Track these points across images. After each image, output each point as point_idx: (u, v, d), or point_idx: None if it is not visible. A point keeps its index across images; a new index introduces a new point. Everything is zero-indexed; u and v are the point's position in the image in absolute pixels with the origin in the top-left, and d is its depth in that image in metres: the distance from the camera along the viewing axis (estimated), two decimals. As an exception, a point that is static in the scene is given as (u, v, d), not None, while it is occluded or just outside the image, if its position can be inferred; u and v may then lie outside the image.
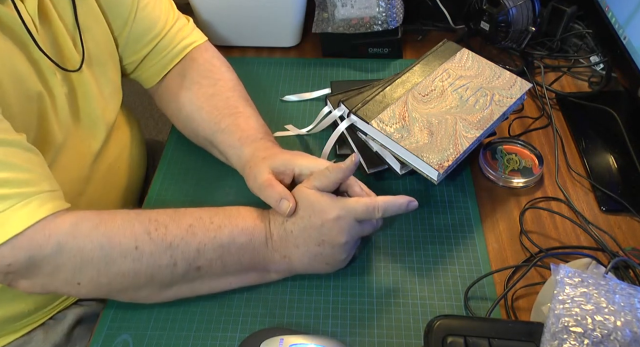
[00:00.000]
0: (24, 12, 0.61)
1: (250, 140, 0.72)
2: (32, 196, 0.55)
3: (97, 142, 0.75)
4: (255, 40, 1.02)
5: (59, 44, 0.68)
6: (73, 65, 0.69)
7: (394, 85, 0.76)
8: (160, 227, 0.59)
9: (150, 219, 0.60)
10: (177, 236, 0.59)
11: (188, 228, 0.60)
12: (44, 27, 0.65)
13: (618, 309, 0.51)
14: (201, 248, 0.60)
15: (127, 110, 0.86)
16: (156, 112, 1.93)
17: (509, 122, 0.86)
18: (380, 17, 0.93)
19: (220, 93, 0.78)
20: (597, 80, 0.94)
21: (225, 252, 0.61)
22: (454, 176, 0.79)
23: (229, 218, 0.62)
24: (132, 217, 0.60)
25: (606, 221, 0.74)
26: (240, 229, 0.62)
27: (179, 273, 0.60)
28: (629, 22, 0.80)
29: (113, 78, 0.78)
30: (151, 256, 0.58)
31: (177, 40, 0.81)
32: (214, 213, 0.63)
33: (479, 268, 0.68)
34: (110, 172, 0.78)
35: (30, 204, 0.55)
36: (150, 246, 0.58)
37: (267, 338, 0.57)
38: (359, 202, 0.61)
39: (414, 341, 0.62)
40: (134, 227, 0.59)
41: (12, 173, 0.55)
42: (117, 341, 0.62)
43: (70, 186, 0.70)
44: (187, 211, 0.63)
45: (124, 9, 0.76)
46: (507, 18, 0.90)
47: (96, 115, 0.74)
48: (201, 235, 0.60)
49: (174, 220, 0.61)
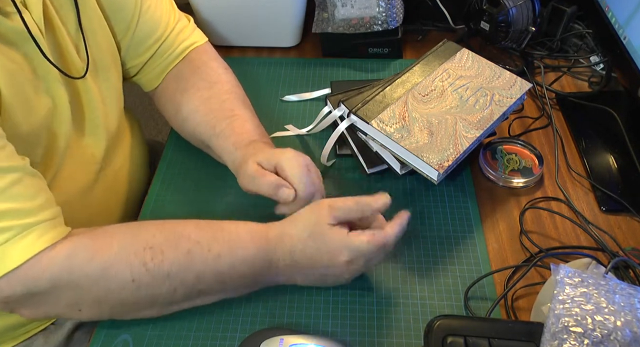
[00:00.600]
0: (29, 21, 0.60)
1: (244, 144, 0.71)
2: (31, 227, 0.54)
3: (100, 150, 0.74)
4: (255, 40, 1.02)
5: (63, 50, 0.67)
6: (77, 72, 0.68)
7: (394, 85, 0.76)
8: (157, 256, 0.57)
9: (145, 247, 0.57)
10: (174, 264, 0.58)
11: (186, 254, 0.58)
12: (48, 34, 0.65)
13: (618, 309, 0.51)
14: (200, 275, 0.59)
15: (128, 113, 0.86)
16: (156, 112, 1.92)
17: (509, 122, 0.86)
18: (380, 17, 0.93)
19: (216, 96, 0.78)
20: (597, 80, 0.94)
21: (226, 278, 0.60)
22: (454, 175, 0.79)
23: (228, 245, 0.60)
24: (127, 243, 0.57)
25: (606, 221, 0.74)
26: (241, 259, 0.59)
27: (179, 297, 0.60)
28: (629, 22, 0.80)
29: (115, 84, 0.77)
30: (149, 286, 0.57)
31: (178, 43, 0.81)
32: (212, 238, 0.60)
33: (479, 268, 0.68)
34: (114, 178, 0.78)
35: (28, 235, 0.54)
36: (147, 277, 0.57)
37: (267, 338, 0.57)
38: (370, 242, 0.59)
39: (414, 341, 0.62)
40: (129, 258, 0.56)
41: (12, 203, 0.53)
42: (117, 341, 0.62)
43: (75, 195, 0.70)
44: (184, 231, 0.60)
45: (127, 13, 0.75)
46: (507, 18, 0.90)
47: (99, 122, 0.74)
48: (200, 263, 0.58)
49: (171, 244, 0.58)
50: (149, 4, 0.77)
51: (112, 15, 0.75)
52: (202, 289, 0.60)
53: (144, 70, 0.82)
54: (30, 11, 0.61)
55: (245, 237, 0.61)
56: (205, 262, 0.59)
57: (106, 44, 0.74)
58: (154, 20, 0.78)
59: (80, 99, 0.70)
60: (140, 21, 0.77)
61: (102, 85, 0.74)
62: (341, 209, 0.60)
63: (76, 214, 0.65)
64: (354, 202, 0.61)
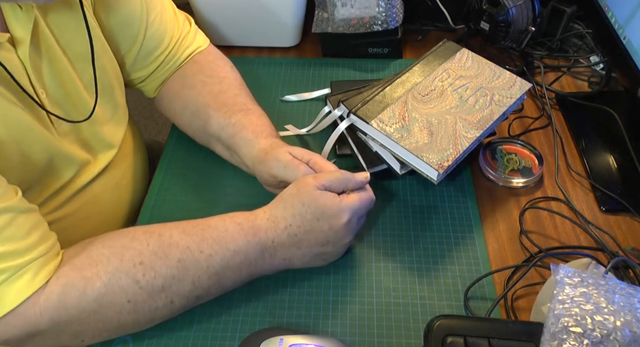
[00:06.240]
0: (16, 63, 0.58)
1: (264, 135, 0.72)
2: (26, 265, 0.53)
3: (106, 161, 0.74)
4: (255, 40, 1.02)
5: (67, 90, 0.66)
6: (83, 108, 0.68)
7: (394, 85, 0.76)
8: (148, 272, 0.56)
9: (135, 264, 0.56)
10: (167, 276, 0.57)
11: (177, 264, 0.57)
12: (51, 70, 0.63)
13: (618, 309, 0.51)
14: (196, 281, 0.59)
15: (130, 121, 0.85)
16: (156, 112, 1.93)
17: (508, 122, 0.86)
18: (380, 17, 0.93)
19: (227, 91, 0.78)
20: (597, 80, 0.94)
21: (221, 277, 0.60)
22: (453, 175, 0.79)
23: (218, 243, 0.59)
24: (115, 268, 0.56)
25: (606, 221, 0.74)
26: (233, 252, 0.60)
27: (177, 307, 0.60)
28: (628, 22, 0.80)
29: (120, 101, 0.77)
30: (145, 303, 0.57)
31: (182, 49, 0.81)
32: (201, 238, 0.59)
33: (479, 268, 0.68)
34: (117, 185, 0.77)
35: (23, 276, 0.53)
36: (143, 295, 0.56)
37: (267, 338, 0.57)
38: (355, 197, 0.62)
39: (414, 341, 0.62)
40: (120, 281, 0.56)
41: (5, 246, 0.52)
42: (117, 341, 0.62)
43: (78, 209, 0.70)
44: (172, 239, 0.59)
45: (133, 28, 0.75)
46: (507, 18, 0.90)
47: (105, 143, 0.74)
48: (193, 269, 0.58)
49: (160, 257, 0.57)
50: (154, 16, 0.76)
51: (119, 32, 0.74)
52: (200, 295, 0.60)
53: (149, 79, 0.82)
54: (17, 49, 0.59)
55: (234, 230, 0.61)
56: (198, 267, 0.58)
57: (110, 64, 0.74)
58: (160, 32, 0.78)
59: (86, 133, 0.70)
60: (147, 35, 0.76)
61: (106, 106, 0.74)
62: (325, 176, 0.63)
63: (78, 218, 0.65)
64: (340, 172, 0.63)
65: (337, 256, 0.67)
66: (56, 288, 0.54)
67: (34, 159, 0.62)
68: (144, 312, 0.58)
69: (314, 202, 0.61)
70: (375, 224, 0.74)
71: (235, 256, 0.60)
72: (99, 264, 0.56)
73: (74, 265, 0.56)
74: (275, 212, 0.62)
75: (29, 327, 0.54)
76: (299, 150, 0.68)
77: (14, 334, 0.54)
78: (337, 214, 0.61)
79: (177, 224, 0.61)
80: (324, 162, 0.66)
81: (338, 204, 0.61)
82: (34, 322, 0.54)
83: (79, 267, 0.56)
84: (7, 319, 0.53)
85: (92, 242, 0.59)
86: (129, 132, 0.82)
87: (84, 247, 0.58)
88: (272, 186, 0.71)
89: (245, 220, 0.62)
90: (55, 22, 0.64)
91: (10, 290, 0.52)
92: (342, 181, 0.63)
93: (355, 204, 0.62)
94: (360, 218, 0.65)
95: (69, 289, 0.55)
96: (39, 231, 0.56)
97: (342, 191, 0.63)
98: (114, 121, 0.76)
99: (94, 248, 0.58)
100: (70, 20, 0.65)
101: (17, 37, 0.59)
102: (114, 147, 0.76)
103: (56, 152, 0.65)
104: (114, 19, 0.73)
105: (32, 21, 0.59)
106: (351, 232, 0.64)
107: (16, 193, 0.56)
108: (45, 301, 0.54)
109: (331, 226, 0.61)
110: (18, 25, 0.58)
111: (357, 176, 0.64)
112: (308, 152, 0.68)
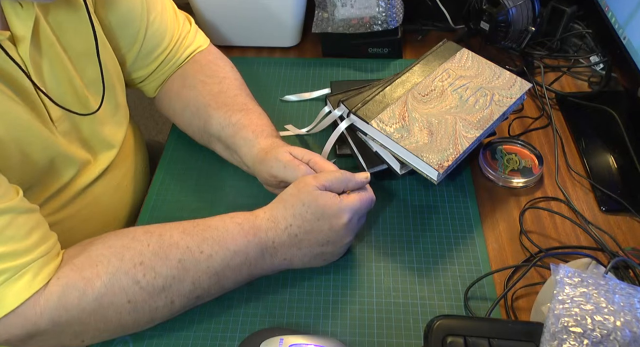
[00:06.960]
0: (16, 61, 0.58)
1: (264, 135, 0.72)
2: (27, 266, 0.53)
3: (107, 162, 0.74)
4: (255, 40, 1.02)
5: (68, 88, 0.66)
6: (84, 108, 0.68)
7: (394, 85, 0.76)
8: (148, 272, 0.56)
9: (135, 264, 0.56)
10: (168, 277, 0.57)
11: (178, 264, 0.58)
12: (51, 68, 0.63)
13: (618, 309, 0.51)
14: (196, 281, 0.59)
15: (131, 122, 0.85)
16: (156, 112, 1.93)
17: (508, 122, 0.86)
18: (380, 17, 0.93)
19: (227, 91, 0.78)
20: (597, 80, 0.94)
21: (222, 277, 0.60)
22: (454, 175, 0.79)
23: (218, 243, 0.59)
24: (116, 267, 0.56)
25: (606, 221, 0.74)
26: (233, 252, 0.60)
27: (177, 307, 0.60)
28: (628, 22, 0.80)
29: (121, 101, 0.77)
30: (145, 303, 0.57)
31: (183, 49, 0.81)
32: (201, 238, 0.59)
33: (479, 268, 0.68)
34: (117, 185, 0.77)
35: (23, 276, 0.53)
36: (143, 295, 0.56)
37: (267, 338, 0.57)
38: (355, 197, 0.63)
39: (414, 341, 0.62)
40: (121, 281, 0.55)
41: (6, 247, 0.52)
42: (117, 341, 0.62)
43: (79, 210, 0.70)
44: (172, 239, 0.59)
45: (133, 27, 0.75)
46: (507, 18, 0.90)
47: (106, 143, 0.74)
48: (193, 269, 0.58)
49: (161, 257, 0.57)
50: (154, 15, 0.76)
51: (120, 31, 0.74)
52: (200, 295, 0.60)
53: (149, 78, 0.82)
54: (18, 48, 0.59)
55: (234, 230, 0.61)
56: (198, 267, 0.58)
57: (111, 63, 0.74)
58: (161, 32, 0.78)
59: (86, 130, 0.70)
60: (148, 34, 0.76)
61: (108, 105, 0.74)
62: (325, 176, 0.63)
63: (79, 219, 0.65)
64: (340, 172, 0.63)
65: (337, 256, 0.67)
66: (56, 288, 0.54)
67: (34, 158, 0.62)
68: (144, 313, 0.58)
69: (314, 202, 0.61)
70: (375, 224, 0.74)
71: (235, 256, 0.60)
72: (99, 265, 0.56)
73: (74, 265, 0.56)
74: (276, 213, 0.62)
75: (29, 328, 0.54)
76: (299, 150, 0.68)
77: (14, 334, 0.54)
78: (337, 214, 0.61)
79: (178, 224, 0.61)
80: (324, 162, 0.66)
81: (338, 204, 0.61)
82: (34, 323, 0.54)
83: (79, 268, 0.56)
84: (8, 319, 0.53)
85: (92, 242, 0.59)
86: (129, 133, 0.82)
87: (84, 248, 0.58)
88: (272, 185, 0.71)
89: (246, 220, 0.62)
90: (56, 21, 0.64)
91: (10, 291, 0.52)
92: (342, 181, 0.63)
93: (356, 204, 0.62)
94: (361, 218, 0.65)
95: (69, 289, 0.55)
96: (40, 232, 0.56)
97: (343, 191, 0.63)
98: (114, 121, 0.76)
99: (94, 248, 0.58)
100: (71, 19, 0.65)
101: (17, 35, 0.59)
102: (115, 147, 0.76)
103: (56, 151, 0.65)
104: (114, 18, 0.73)
105: (32, 19, 0.59)
106: (351, 232, 0.64)
107: (17, 193, 0.56)
108: (46, 302, 0.54)
109: (331, 226, 0.61)
110: (19, 23, 0.58)
111: (358, 176, 0.64)
112: (308, 152, 0.68)
